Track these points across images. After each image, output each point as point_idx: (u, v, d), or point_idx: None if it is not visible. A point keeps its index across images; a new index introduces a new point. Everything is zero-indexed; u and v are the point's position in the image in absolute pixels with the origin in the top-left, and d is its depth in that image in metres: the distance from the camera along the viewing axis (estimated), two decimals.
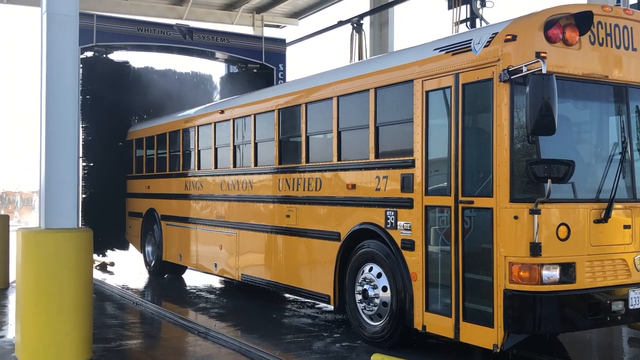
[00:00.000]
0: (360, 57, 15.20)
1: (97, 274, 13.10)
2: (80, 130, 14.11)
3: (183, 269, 13.19)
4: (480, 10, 11.10)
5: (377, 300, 7.21)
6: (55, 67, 6.46)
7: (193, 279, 13.05)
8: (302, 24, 20.77)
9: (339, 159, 7.94)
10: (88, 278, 6.49)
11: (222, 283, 12.65)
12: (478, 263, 6.13)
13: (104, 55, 15.07)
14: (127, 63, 15.55)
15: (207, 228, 11.15)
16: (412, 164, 6.81)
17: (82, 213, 14.15)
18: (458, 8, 11.39)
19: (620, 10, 6.38)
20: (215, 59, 17.21)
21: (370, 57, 15.13)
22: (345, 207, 7.77)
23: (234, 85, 16.20)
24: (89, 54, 14.83)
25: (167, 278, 13.25)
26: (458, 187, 6.27)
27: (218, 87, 17.18)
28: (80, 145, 14.01)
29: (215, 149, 10.93)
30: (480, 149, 6.17)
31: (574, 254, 5.87)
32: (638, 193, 6.38)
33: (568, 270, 5.81)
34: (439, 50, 6.64)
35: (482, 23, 11.06)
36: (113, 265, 14.97)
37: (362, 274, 7.45)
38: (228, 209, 10.51)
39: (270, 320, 8.89)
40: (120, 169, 14.96)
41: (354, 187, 7.64)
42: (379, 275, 7.21)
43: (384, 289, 7.13)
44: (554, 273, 5.74)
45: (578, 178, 5.83)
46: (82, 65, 14.06)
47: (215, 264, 10.82)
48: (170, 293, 11.83)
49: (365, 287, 7.35)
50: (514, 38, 5.84)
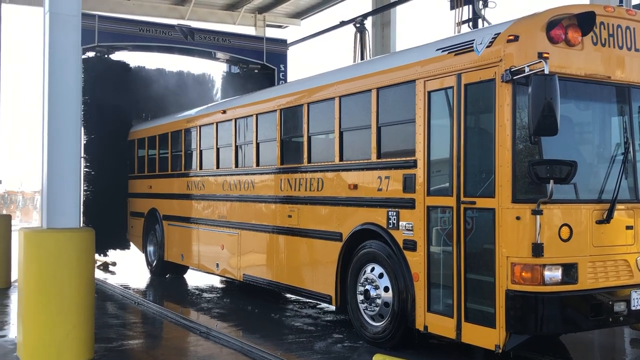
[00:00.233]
0: (363, 57, 15.19)
1: (98, 274, 13.10)
2: (82, 130, 14.12)
3: (185, 269, 13.19)
4: (483, 11, 11.12)
5: (378, 301, 7.21)
6: (58, 66, 6.47)
7: (195, 279, 13.05)
8: (304, 24, 20.80)
9: (341, 159, 7.94)
10: (90, 278, 6.50)
11: (223, 283, 12.65)
12: (480, 263, 6.13)
13: (106, 56, 15.09)
14: (128, 63, 15.56)
15: (209, 228, 11.15)
16: (414, 165, 6.81)
17: (83, 213, 14.16)
18: (460, 8, 11.39)
19: (623, 11, 6.38)
20: (217, 60, 17.22)
21: (373, 57, 15.13)
22: (347, 207, 7.77)
23: (235, 86, 16.21)
24: (91, 54, 14.85)
25: (168, 278, 13.25)
26: (460, 187, 6.26)
27: (219, 87, 17.18)
28: (82, 145, 14.02)
29: (217, 149, 10.93)
30: (483, 150, 6.17)
31: (576, 255, 5.86)
32: None
33: (570, 271, 5.80)
34: (442, 51, 6.63)
35: (484, 23, 11.08)
36: (115, 265, 14.97)
37: (363, 274, 7.44)
38: (230, 209, 10.51)
39: (272, 321, 8.89)
40: (122, 169, 14.98)
41: (356, 187, 7.64)
42: (381, 276, 7.21)
43: (386, 290, 7.13)
44: (556, 274, 5.73)
45: (580, 179, 5.82)
46: (84, 66, 14.07)
47: (217, 264, 10.82)
48: (172, 293, 11.83)
49: (367, 287, 7.34)
50: (517, 38, 5.83)
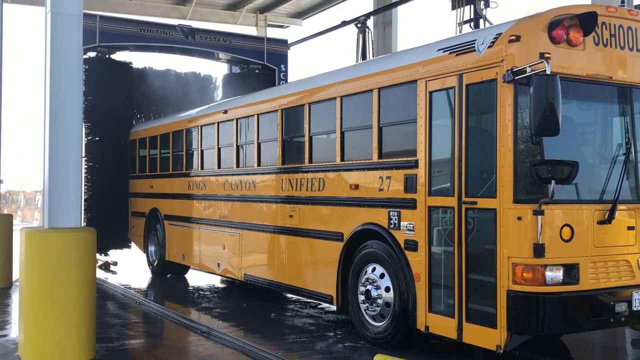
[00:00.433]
0: (364, 57, 15.18)
1: (99, 273, 13.09)
2: (83, 130, 14.14)
3: (186, 269, 13.20)
4: (484, 11, 11.11)
5: (379, 301, 7.21)
6: (59, 66, 6.46)
7: (196, 279, 13.06)
8: (305, 24, 20.81)
9: (342, 159, 7.94)
10: (91, 277, 6.50)
11: (224, 283, 12.65)
12: (481, 264, 6.12)
13: (107, 56, 15.11)
14: (129, 63, 15.57)
15: (210, 228, 11.15)
16: (415, 165, 6.81)
17: (84, 212, 14.18)
18: (462, 8, 11.38)
19: (625, 11, 6.37)
20: (218, 60, 17.24)
21: (374, 57, 15.12)
22: (348, 207, 7.77)
23: (236, 86, 16.22)
24: (92, 54, 14.87)
25: (169, 278, 13.26)
26: (461, 187, 6.26)
27: (220, 87, 17.20)
28: (83, 145, 14.03)
29: (219, 149, 10.93)
30: (484, 150, 6.17)
31: (578, 255, 5.86)
32: None
33: (571, 272, 5.80)
34: (443, 51, 6.63)
35: (485, 24, 11.07)
36: (116, 265, 14.98)
37: (365, 275, 7.44)
38: (231, 209, 10.51)
39: (273, 320, 8.89)
40: (123, 169, 14.99)
41: (357, 187, 7.64)
42: (382, 276, 7.21)
43: (387, 290, 7.13)
44: (558, 274, 5.73)
45: (582, 179, 5.82)
46: (85, 66, 14.09)
47: (218, 264, 10.83)
48: (173, 293, 11.83)
49: (368, 287, 7.34)
50: (518, 39, 5.83)
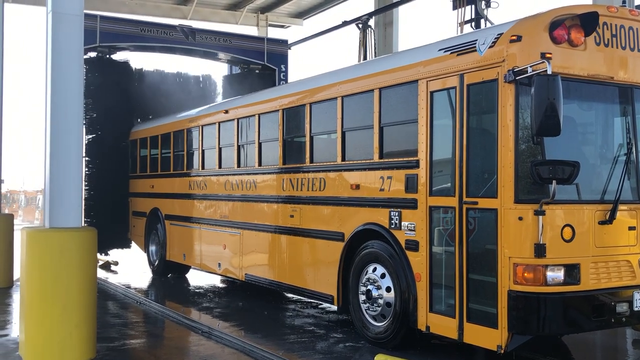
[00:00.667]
0: (366, 57, 15.18)
1: (100, 273, 13.10)
2: (84, 130, 14.14)
3: (187, 269, 13.20)
4: (485, 11, 11.10)
5: (380, 301, 7.20)
6: (60, 66, 6.45)
7: (197, 279, 13.06)
8: (306, 24, 20.81)
9: (343, 159, 7.93)
10: (92, 277, 6.50)
11: (225, 283, 12.66)
12: (482, 264, 6.12)
13: (107, 56, 15.12)
14: (130, 63, 15.59)
15: (211, 228, 11.15)
16: (416, 165, 6.81)
17: (85, 212, 14.18)
18: (463, 8, 11.37)
19: (626, 11, 6.37)
20: (218, 60, 17.26)
21: (376, 57, 15.12)
22: (349, 207, 7.77)
23: (236, 86, 16.24)
24: (92, 54, 14.88)
25: (170, 277, 13.26)
26: (462, 187, 6.26)
27: (220, 87, 17.21)
28: (84, 145, 14.04)
29: (220, 149, 10.93)
30: (485, 150, 6.16)
31: (579, 255, 5.86)
32: None
33: (572, 272, 5.80)
34: (444, 51, 6.63)
35: (487, 23, 11.06)
36: (117, 265, 14.99)
37: (365, 275, 7.44)
38: (232, 209, 10.51)
39: (274, 320, 8.89)
40: (123, 169, 15.01)
41: (358, 187, 7.64)
42: (383, 276, 7.21)
43: (388, 290, 7.13)
44: (559, 274, 5.73)
45: (583, 179, 5.82)
46: (85, 66, 14.10)
47: (219, 264, 10.83)
48: (174, 292, 11.84)
49: (369, 287, 7.34)
50: (519, 39, 5.83)
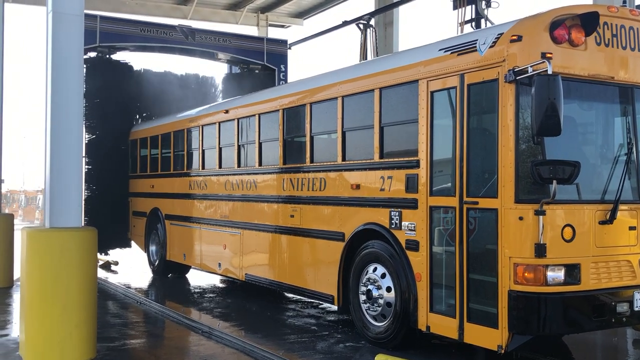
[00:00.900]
0: (366, 57, 15.17)
1: (100, 273, 13.10)
2: (84, 130, 14.15)
3: (187, 269, 13.20)
4: (486, 11, 11.09)
5: (381, 301, 7.20)
6: (60, 66, 6.45)
7: (197, 279, 13.06)
8: (306, 24, 20.83)
9: (344, 159, 7.93)
10: (92, 277, 6.49)
11: (225, 283, 12.65)
12: (482, 264, 6.12)
13: (107, 56, 15.13)
14: (129, 63, 15.59)
15: (211, 228, 11.15)
16: (416, 165, 6.80)
17: (85, 212, 14.17)
18: (463, 8, 11.36)
19: (626, 11, 6.36)
20: (218, 60, 17.27)
21: (376, 57, 15.11)
22: (350, 207, 7.76)
23: (236, 86, 16.24)
24: (92, 54, 14.89)
25: (170, 277, 13.26)
26: (463, 187, 6.26)
27: (220, 87, 17.22)
28: (84, 145, 14.04)
29: (220, 149, 10.93)
30: (486, 150, 6.16)
31: (579, 255, 5.86)
32: None
33: (573, 272, 5.79)
34: (444, 51, 6.63)
35: (487, 23, 11.05)
36: (117, 265, 14.99)
37: (366, 274, 7.44)
38: (232, 209, 10.51)
39: (274, 320, 8.89)
40: (123, 169, 15.01)
41: (359, 187, 7.63)
42: (383, 276, 7.20)
43: (388, 290, 7.13)
44: (559, 274, 5.72)
45: (583, 179, 5.82)
46: (85, 66, 14.11)
47: (219, 264, 10.82)
48: (174, 292, 11.84)
49: (370, 287, 7.34)
50: (520, 38, 5.82)
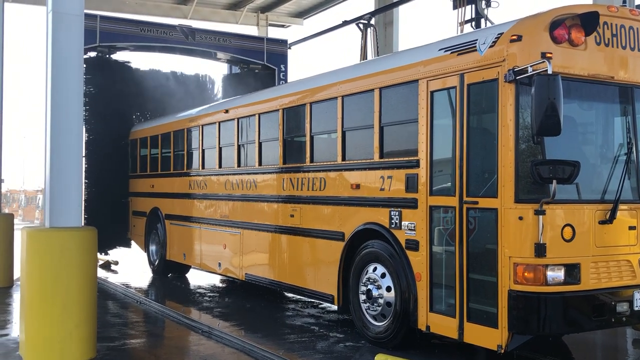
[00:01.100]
0: (366, 57, 15.17)
1: (100, 273, 13.10)
2: (84, 130, 14.14)
3: (187, 268, 13.20)
4: (486, 11, 11.10)
5: (381, 301, 7.20)
6: (60, 65, 6.45)
7: (197, 278, 13.06)
8: (306, 24, 20.83)
9: (344, 159, 7.93)
10: (92, 276, 6.50)
11: (225, 282, 12.66)
12: (482, 263, 6.12)
13: (107, 56, 15.13)
14: (129, 63, 15.59)
15: (211, 227, 11.15)
16: (416, 164, 6.80)
17: (85, 212, 14.18)
18: (463, 8, 11.37)
19: (626, 11, 6.37)
20: (218, 60, 17.26)
21: (376, 57, 15.10)
22: (350, 207, 7.77)
23: (236, 86, 16.24)
24: (92, 54, 14.89)
25: (170, 277, 13.26)
26: (463, 187, 6.26)
27: (220, 87, 17.22)
28: (83, 144, 14.03)
29: (220, 149, 10.93)
30: (485, 150, 6.16)
31: (579, 255, 5.86)
32: None
33: (573, 271, 5.79)
34: (444, 51, 6.63)
35: (487, 23, 11.06)
36: (117, 264, 14.99)
37: (366, 274, 7.44)
38: (232, 209, 10.51)
39: (274, 320, 8.89)
40: (123, 168, 15.01)
41: (358, 187, 7.64)
42: (383, 276, 7.21)
43: (388, 289, 7.13)
44: (559, 274, 5.72)
45: (583, 179, 5.82)
46: (85, 65, 14.08)
47: (219, 263, 10.82)
48: (174, 292, 11.84)
49: (369, 287, 7.34)
50: (520, 38, 5.82)
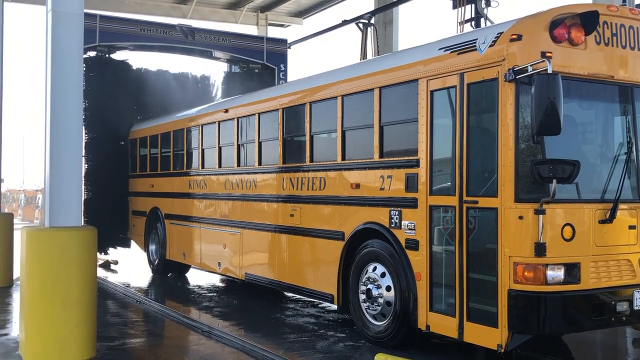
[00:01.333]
0: (365, 56, 15.17)
1: (100, 272, 13.10)
2: (84, 129, 14.14)
3: (187, 268, 13.20)
4: (485, 10, 11.09)
5: (380, 300, 7.20)
6: (60, 65, 6.45)
7: (196, 278, 13.06)
8: (306, 23, 20.81)
9: (343, 159, 7.93)
10: (92, 276, 6.50)
11: (225, 282, 12.65)
12: (482, 263, 6.12)
13: (107, 55, 15.13)
14: (129, 63, 15.59)
15: (210, 227, 11.15)
16: (416, 164, 6.80)
17: (85, 211, 14.16)
18: (463, 7, 11.36)
19: (626, 10, 6.36)
20: (217, 59, 17.26)
21: (376, 56, 15.10)
22: (349, 206, 7.76)
23: (236, 85, 16.23)
24: (92, 54, 14.88)
25: (170, 277, 13.26)
26: (462, 186, 6.26)
27: (220, 87, 17.22)
28: (83, 144, 14.03)
29: (219, 148, 10.93)
30: (485, 149, 6.16)
31: (579, 255, 5.86)
32: None
33: (573, 271, 5.80)
34: (444, 50, 6.63)
35: (487, 23, 11.05)
36: (117, 264, 14.99)
37: (365, 274, 7.44)
38: (232, 208, 10.51)
39: (274, 320, 8.89)
40: (123, 168, 15.01)
41: (358, 186, 7.63)
42: (383, 275, 7.21)
43: (388, 289, 7.13)
44: (559, 273, 5.73)
45: (583, 178, 5.82)
46: (85, 65, 14.09)
47: (219, 263, 10.82)
48: (174, 292, 11.84)
49: (369, 286, 7.34)
50: (520, 38, 5.82)
